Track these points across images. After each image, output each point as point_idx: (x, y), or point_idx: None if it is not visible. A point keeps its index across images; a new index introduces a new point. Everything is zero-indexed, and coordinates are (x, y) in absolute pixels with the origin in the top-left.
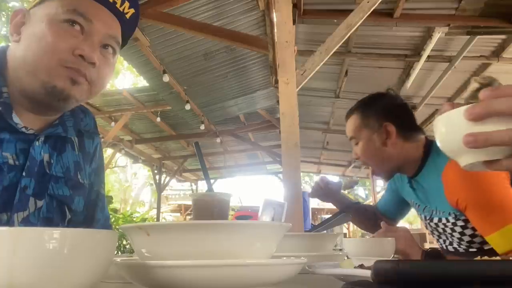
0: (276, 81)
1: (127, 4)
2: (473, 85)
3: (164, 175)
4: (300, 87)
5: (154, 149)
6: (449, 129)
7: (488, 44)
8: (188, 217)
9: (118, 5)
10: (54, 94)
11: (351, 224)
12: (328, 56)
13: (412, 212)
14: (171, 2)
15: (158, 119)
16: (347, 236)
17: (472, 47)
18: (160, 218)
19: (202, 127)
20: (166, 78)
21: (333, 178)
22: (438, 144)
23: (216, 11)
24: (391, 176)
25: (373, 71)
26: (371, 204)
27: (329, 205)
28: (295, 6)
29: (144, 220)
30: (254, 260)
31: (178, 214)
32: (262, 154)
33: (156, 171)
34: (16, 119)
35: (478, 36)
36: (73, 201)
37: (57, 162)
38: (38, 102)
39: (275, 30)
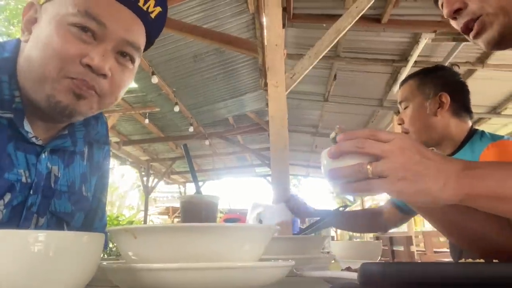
0: (266, 84)
1: (152, 2)
2: (332, 134)
3: (152, 177)
4: (289, 90)
5: (142, 151)
6: (324, 164)
7: (473, 51)
8: (176, 219)
9: (141, 4)
10: (58, 109)
11: None
12: (317, 60)
13: None
14: None
15: (147, 120)
16: (335, 239)
17: (458, 53)
18: (148, 221)
19: (191, 129)
20: (155, 79)
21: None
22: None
23: (206, 13)
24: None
25: (361, 76)
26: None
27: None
28: (285, 10)
29: (131, 222)
30: (241, 263)
31: (166, 217)
32: (251, 157)
33: (143, 173)
34: (27, 127)
35: (464, 43)
36: (73, 217)
37: (64, 175)
38: (45, 112)
39: (265, 33)
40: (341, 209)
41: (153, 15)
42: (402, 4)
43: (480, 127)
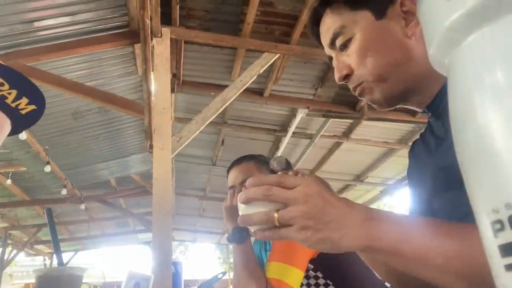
0: (151, 146)
1: (24, 100)
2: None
3: (9, 248)
4: (175, 153)
5: (0, 217)
6: (239, 208)
7: (339, 126)
8: None
9: (8, 101)
10: None
11: None
12: (205, 125)
13: None
14: (38, 57)
15: (9, 181)
16: None
17: (327, 128)
18: None
19: (64, 191)
20: (23, 135)
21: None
22: None
23: (91, 71)
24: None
25: (247, 142)
26: None
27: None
28: (175, 76)
29: None
30: None
31: None
32: (133, 222)
33: None
34: None
35: (331, 119)
36: None
37: None
38: None
39: (153, 98)
40: (219, 276)
41: (23, 112)
42: (280, 82)
43: (348, 193)
